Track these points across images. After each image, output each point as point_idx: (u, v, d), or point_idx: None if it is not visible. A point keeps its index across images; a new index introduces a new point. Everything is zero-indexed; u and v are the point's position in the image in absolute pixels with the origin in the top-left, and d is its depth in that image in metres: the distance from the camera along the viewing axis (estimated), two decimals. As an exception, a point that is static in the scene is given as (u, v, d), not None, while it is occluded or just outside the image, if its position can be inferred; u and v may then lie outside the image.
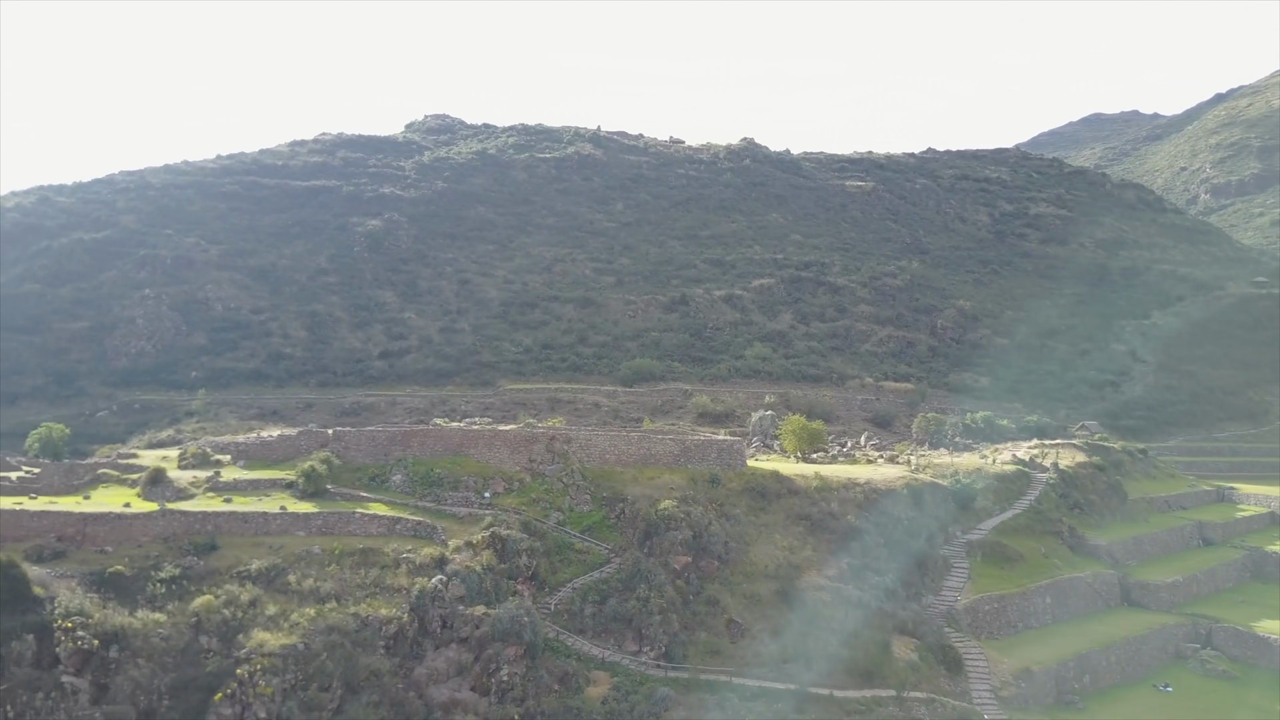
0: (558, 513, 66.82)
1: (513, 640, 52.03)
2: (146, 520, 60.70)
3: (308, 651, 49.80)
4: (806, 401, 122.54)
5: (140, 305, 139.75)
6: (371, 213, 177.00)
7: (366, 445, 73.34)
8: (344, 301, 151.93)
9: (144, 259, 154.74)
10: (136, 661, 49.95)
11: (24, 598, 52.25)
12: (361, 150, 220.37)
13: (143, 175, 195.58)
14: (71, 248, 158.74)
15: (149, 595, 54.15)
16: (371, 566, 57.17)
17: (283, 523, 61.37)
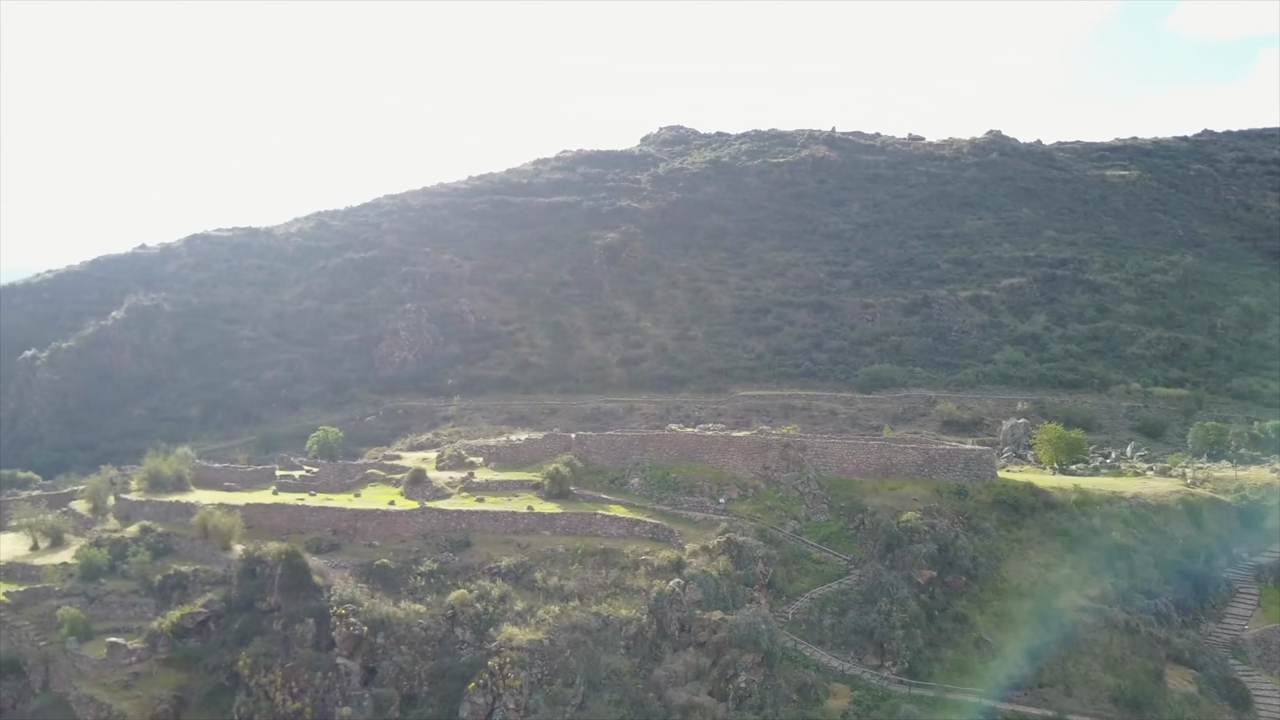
0: (794, 521, 65.71)
1: (750, 647, 51.49)
2: (408, 517, 65.28)
3: (552, 647, 51.60)
4: (1064, 409, 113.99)
5: (403, 318, 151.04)
6: (609, 225, 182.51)
7: (606, 449, 75.30)
8: (585, 311, 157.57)
9: (405, 275, 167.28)
10: (400, 648, 53.71)
11: (306, 585, 57.55)
12: (600, 165, 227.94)
13: (404, 198, 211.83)
14: (344, 267, 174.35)
15: (410, 587, 58.14)
16: (612, 567, 58.52)
17: (530, 522, 64.09)
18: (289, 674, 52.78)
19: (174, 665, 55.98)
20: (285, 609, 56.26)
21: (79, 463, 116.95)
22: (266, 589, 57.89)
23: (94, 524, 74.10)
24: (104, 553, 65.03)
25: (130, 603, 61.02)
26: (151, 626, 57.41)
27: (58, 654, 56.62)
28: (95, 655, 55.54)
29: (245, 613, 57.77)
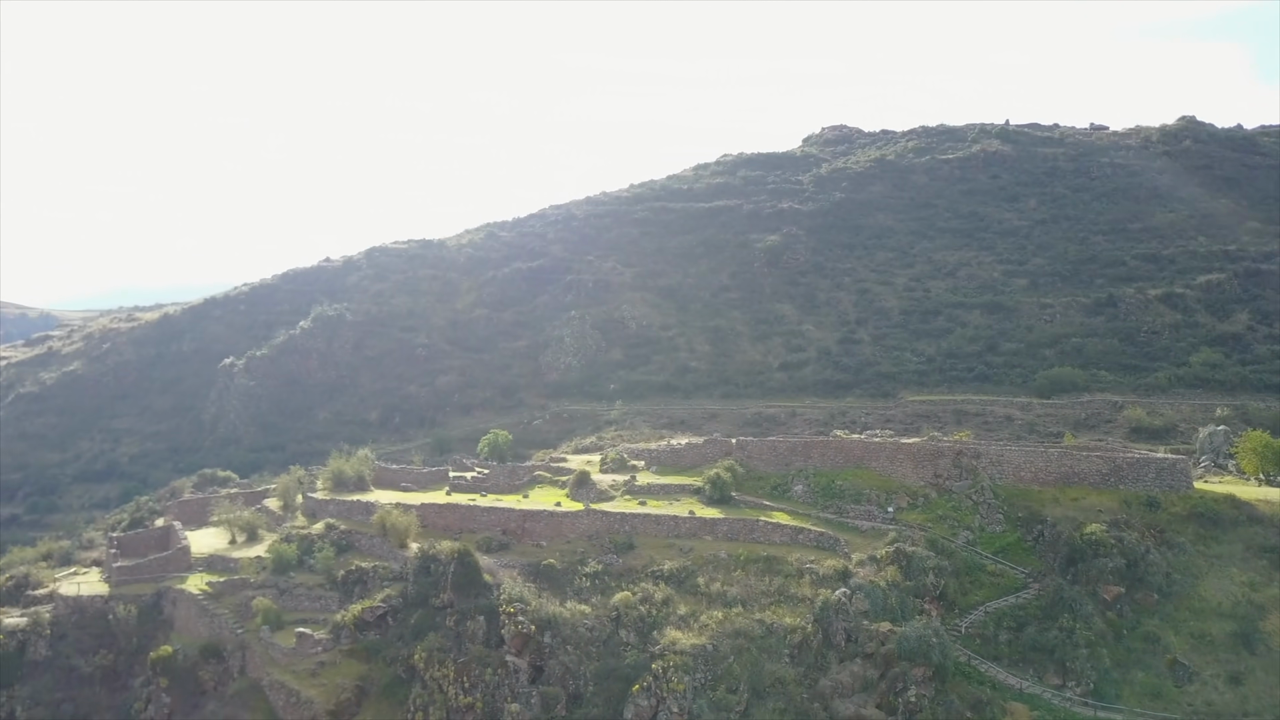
0: (967, 531, 62.92)
1: (920, 660, 49.55)
2: (574, 519, 66.37)
3: (716, 653, 51.22)
4: (1271, 415, 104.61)
5: (567, 325, 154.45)
6: (770, 228, 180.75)
7: (768, 455, 74.33)
8: (745, 316, 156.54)
9: (570, 283, 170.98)
10: (566, 648, 54.55)
11: (476, 583, 59.35)
12: (761, 168, 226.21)
13: (568, 208, 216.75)
14: (511, 276, 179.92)
15: (576, 588, 59.02)
16: (775, 574, 57.62)
17: (691, 527, 63.95)
18: (461, 669, 54.49)
19: (356, 656, 58.80)
20: (458, 606, 58.17)
21: (271, 463, 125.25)
22: (440, 586, 60.05)
23: (284, 520, 79.01)
24: (293, 548, 69.16)
25: (316, 595, 64.63)
26: (335, 619, 60.57)
27: (253, 641, 60.54)
28: (286, 644, 59.05)
29: (420, 608, 60.11)
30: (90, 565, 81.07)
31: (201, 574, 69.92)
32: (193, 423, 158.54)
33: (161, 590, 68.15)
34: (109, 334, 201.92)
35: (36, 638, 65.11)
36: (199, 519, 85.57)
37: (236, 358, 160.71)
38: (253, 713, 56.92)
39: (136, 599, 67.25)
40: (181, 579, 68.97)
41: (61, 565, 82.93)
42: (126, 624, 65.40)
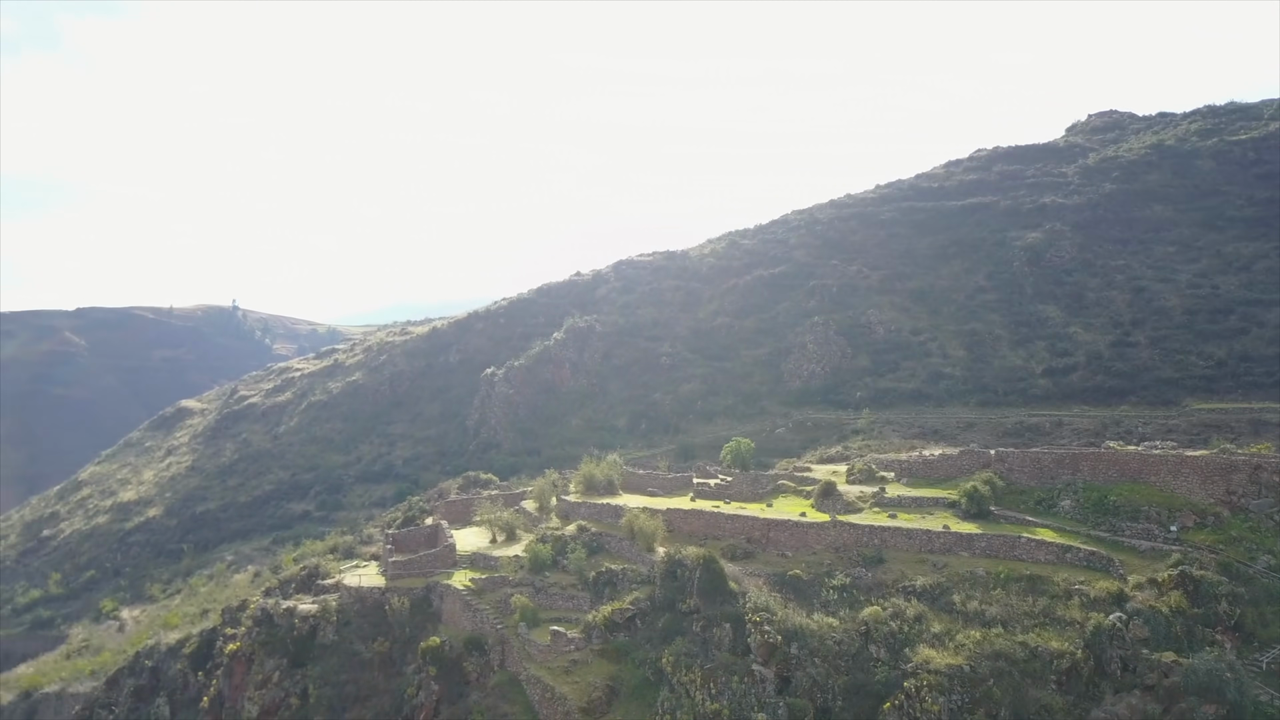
0: (1267, 555, 55.73)
1: (1212, 697, 44.29)
2: (820, 530, 64.86)
3: (974, 675, 48.23)
4: None
5: (810, 331, 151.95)
6: (1031, 225, 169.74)
7: (1031, 467, 69.42)
8: (1003, 319, 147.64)
9: (813, 289, 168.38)
10: (814, 660, 53.25)
11: (722, 590, 59.24)
12: (1019, 161, 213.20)
13: (811, 213, 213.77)
14: (753, 284, 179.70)
15: (823, 600, 57.57)
16: (1039, 595, 53.60)
17: (946, 541, 60.76)
18: (708, 675, 54.48)
19: (606, 656, 60.21)
20: (704, 612, 58.29)
21: (528, 466, 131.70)
22: (686, 591, 60.44)
23: (540, 521, 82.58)
24: (548, 548, 72.06)
25: (570, 595, 66.91)
26: (587, 618, 62.39)
27: (512, 637, 63.49)
28: (541, 640, 61.49)
29: (667, 612, 60.75)
30: (369, 559, 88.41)
31: (466, 570, 74.26)
32: (458, 428, 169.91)
33: (431, 585, 72.99)
34: (385, 347, 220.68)
35: (325, 624, 71.69)
36: (463, 518, 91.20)
37: (497, 367, 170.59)
38: (511, 705, 59.55)
39: (409, 592, 72.52)
40: (448, 575, 73.53)
41: (345, 558, 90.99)
42: (400, 615, 70.64)
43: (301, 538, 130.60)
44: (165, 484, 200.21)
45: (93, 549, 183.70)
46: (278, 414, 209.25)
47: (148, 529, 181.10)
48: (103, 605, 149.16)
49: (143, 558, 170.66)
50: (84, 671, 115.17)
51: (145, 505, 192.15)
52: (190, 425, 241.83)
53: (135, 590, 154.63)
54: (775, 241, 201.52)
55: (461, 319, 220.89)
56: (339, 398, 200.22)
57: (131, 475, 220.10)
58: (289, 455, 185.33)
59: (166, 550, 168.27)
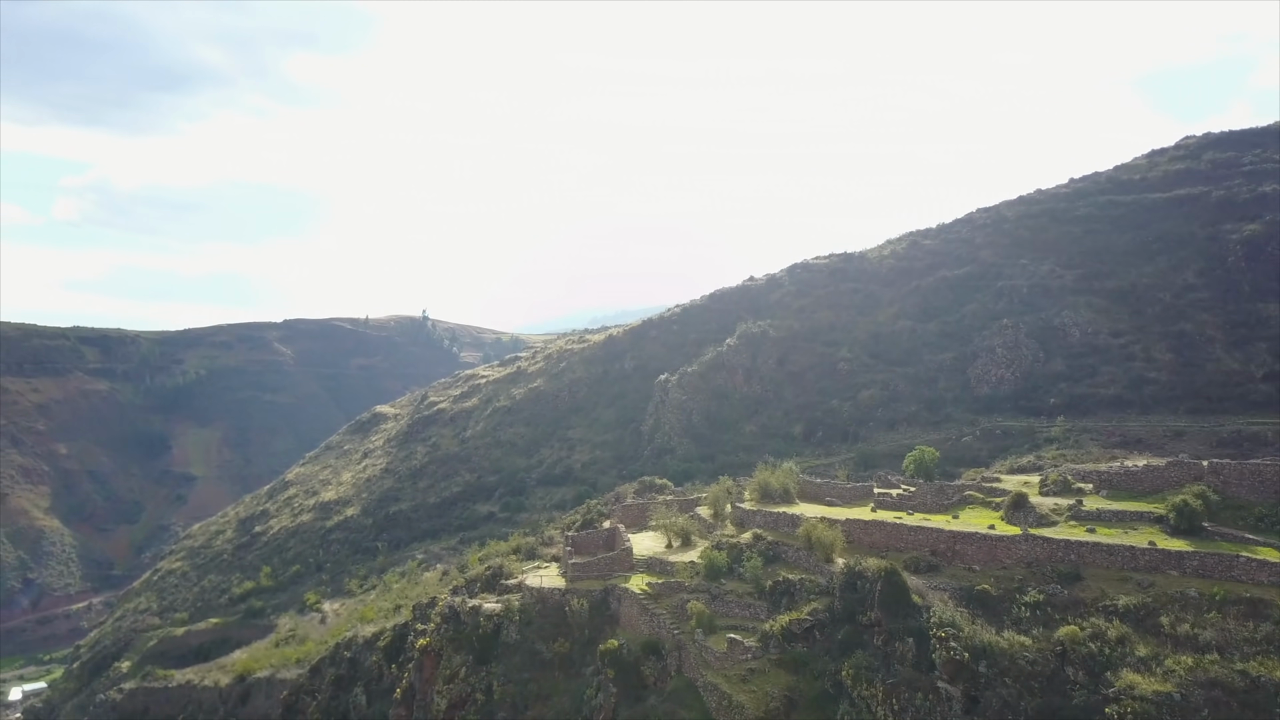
0: None
1: None
2: (1010, 543, 61.45)
3: (1185, 704, 44.39)
4: None
5: (999, 335, 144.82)
6: (1249, 215, 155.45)
7: (1251, 480, 63.40)
8: (1217, 319, 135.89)
9: (1001, 290, 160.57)
10: (1004, 680, 50.44)
11: (904, 604, 57.07)
12: (1233, 148, 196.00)
13: (998, 210, 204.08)
14: (936, 285, 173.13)
15: (1014, 617, 54.46)
16: (1262, 620, 48.78)
17: (1151, 559, 56.28)
18: (890, 691, 52.64)
19: (784, 666, 59.14)
20: (885, 625, 56.33)
21: (702, 472, 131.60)
22: (866, 603, 58.59)
23: (715, 528, 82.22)
24: (723, 555, 71.57)
25: (746, 603, 66.17)
26: (764, 627, 61.50)
27: (688, 643, 63.38)
28: (718, 648, 61.07)
29: (847, 624, 59.09)
30: (550, 560, 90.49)
31: (642, 575, 74.77)
32: (634, 434, 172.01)
33: (609, 587, 73.91)
34: (564, 354, 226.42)
35: (509, 622, 73.80)
36: (639, 523, 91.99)
37: (670, 373, 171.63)
38: (689, 711, 59.40)
39: (588, 594, 73.69)
40: (625, 578, 74.26)
41: (528, 559, 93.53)
42: (579, 616, 71.88)
43: (486, 538, 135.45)
44: (362, 485, 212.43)
45: (298, 545, 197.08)
46: (465, 419, 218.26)
47: (346, 527, 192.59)
48: (306, 598, 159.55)
49: (342, 554, 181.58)
50: (290, 659, 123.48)
51: (344, 505, 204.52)
52: (384, 429, 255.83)
53: (335, 585, 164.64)
54: (959, 241, 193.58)
55: (636, 326, 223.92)
56: (521, 403, 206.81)
57: (332, 476, 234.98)
58: (475, 458, 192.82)
59: (363, 547, 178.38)
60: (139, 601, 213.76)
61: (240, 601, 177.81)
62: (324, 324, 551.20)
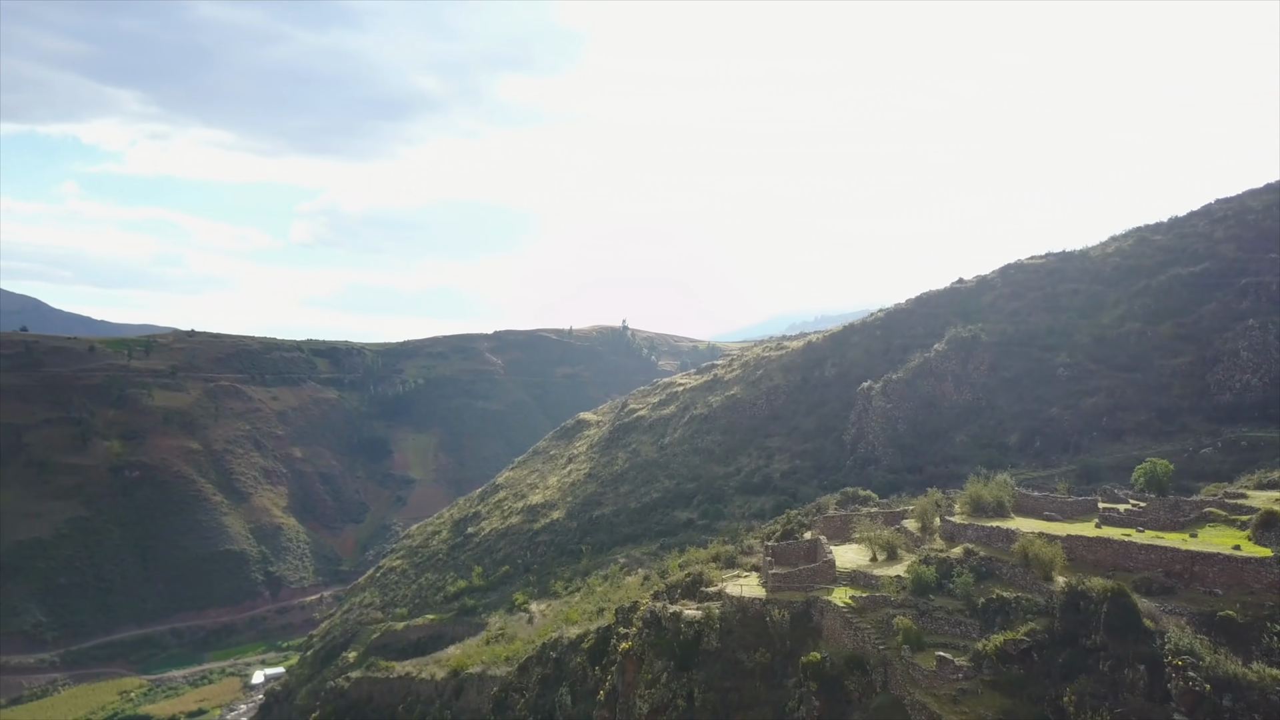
0: None
1: None
2: (1259, 566, 55.49)
3: None
4: None
5: (1244, 337, 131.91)
6: None
7: None
8: None
9: (1245, 288, 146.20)
10: (1252, 716, 45.57)
11: (1134, 628, 52.55)
12: None
13: (1241, 200, 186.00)
14: (1169, 284, 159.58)
15: (1264, 648, 49.16)
16: None
17: None
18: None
19: (998, 688, 55.85)
20: (1112, 650, 52.17)
21: (908, 484, 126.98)
22: (1090, 626, 54.46)
23: (922, 542, 78.95)
24: (931, 570, 68.53)
25: (956, 621, 63.03)
26: (976, 647, 58.33)
27: (894, 659, 61.00)
28: (926, 666, 58.42)
29: (1068, 647, 55.14)
30: (750, 569, 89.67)
31: (845, 587, 72.78)
32: (835, 443, 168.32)
33: (810, 599, 72.36)
34: (761, 362, 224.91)
35: (709, 630, 73.62)
36: (841, 534, 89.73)
37: (873, 381, 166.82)
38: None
39: (789, 605, 72.41)
40: (827, 590, 72.48)
41: (727, 567, 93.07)
42: (780, 627, 70.71)
43: (685, 544, 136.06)
44: (567, 489, 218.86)
45: (507, 546, 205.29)
46: (663, 426, 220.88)
47: (552, 530, 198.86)
48: (515, 598, 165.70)
49: (548, 556, 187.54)
50: (500, 657, 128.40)
51: (550, 508, 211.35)
52: (588, 436, 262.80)
53: (542, 586, 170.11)
54: (1195, 235, 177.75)
55: (836, 332, 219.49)
56: (718, 411, 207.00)
57: (539, 480, 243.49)
58: (674, 465, 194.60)
59: (568, 550, 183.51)
60: (364, 596, 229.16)
61: (454, 599, 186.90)
62: (531, 335, 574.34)
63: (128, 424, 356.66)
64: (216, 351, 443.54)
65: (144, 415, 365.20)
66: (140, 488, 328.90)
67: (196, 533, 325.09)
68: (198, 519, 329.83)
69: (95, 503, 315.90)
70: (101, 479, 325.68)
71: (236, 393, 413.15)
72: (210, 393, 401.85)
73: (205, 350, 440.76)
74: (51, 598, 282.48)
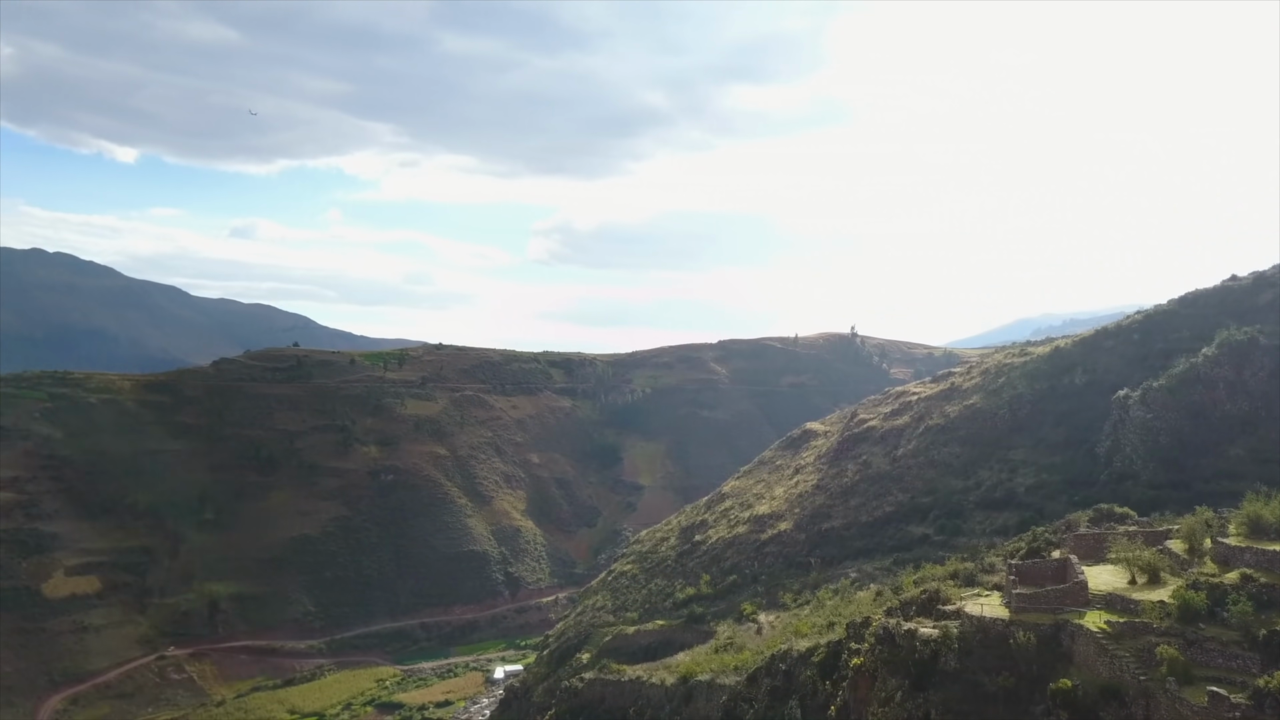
0: None
1: None
2: None
3: None
4: None
5: None
6: None
7: None
8: None
9: None
10: None
11: None
12: None
13: None
14: None
15: None
16: None
17: None
18: None
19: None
20: None
21: (1173, 501, 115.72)
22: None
23: (1189, 565, 71.67)
24: (1202, 596, 61.98)
25: (1231, 654, 56.65)
26: (1257, 684, 52.09)
27: (1157, 691, 55.53)
28: (1196, 701, 52.76)
29: (1377, 693, 48.09)
30: (991, 589, 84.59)
31: (1099, 611, 67.14)
32: (1085, 456, 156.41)
33: (1059, 622, 67.32)
34: (1003, 369, 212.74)
35: (946, 650, 69.96)
36: (1094, 554, 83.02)
37: (1131, 389, 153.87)
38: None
39: (1035, 627, 67.61)
40: (1078, 614, 67.15)
41: (966, 585, 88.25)
42: (1026, 650, 66.13)
43: (920, 560, 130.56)
44: (794, 500, 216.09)
45: (734, 555, 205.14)
46: (895, 437, 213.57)
47: (779, 541, 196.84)
48: (743, 608, 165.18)
49: (776, 567, 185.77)
50: (729, 666, 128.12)
51: (777, 519, 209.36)
52: (815, 446, 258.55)
53: (770, 597, 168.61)
54: None
55: (1087, 336, 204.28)
56: (956, 421, 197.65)
57: (765, 490, 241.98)
58: (907, 478, 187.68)
59: (796, 562, 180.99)
60: (596, 599, 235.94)
61: (682, 606, 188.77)
62: (756, 344, 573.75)
63: (383, 431, 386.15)
64: (462, 363, 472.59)
65: (398, 423, 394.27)
66: (394, 490, 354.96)
67: (444, 533, 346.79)
68: (445, 520, 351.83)
69: (355, 503, 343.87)
70: (361, 482, 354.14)
71: (479, 402, 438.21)
72: (456, 402, 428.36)
73: (452, 362, 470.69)
74: (319, 589, 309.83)
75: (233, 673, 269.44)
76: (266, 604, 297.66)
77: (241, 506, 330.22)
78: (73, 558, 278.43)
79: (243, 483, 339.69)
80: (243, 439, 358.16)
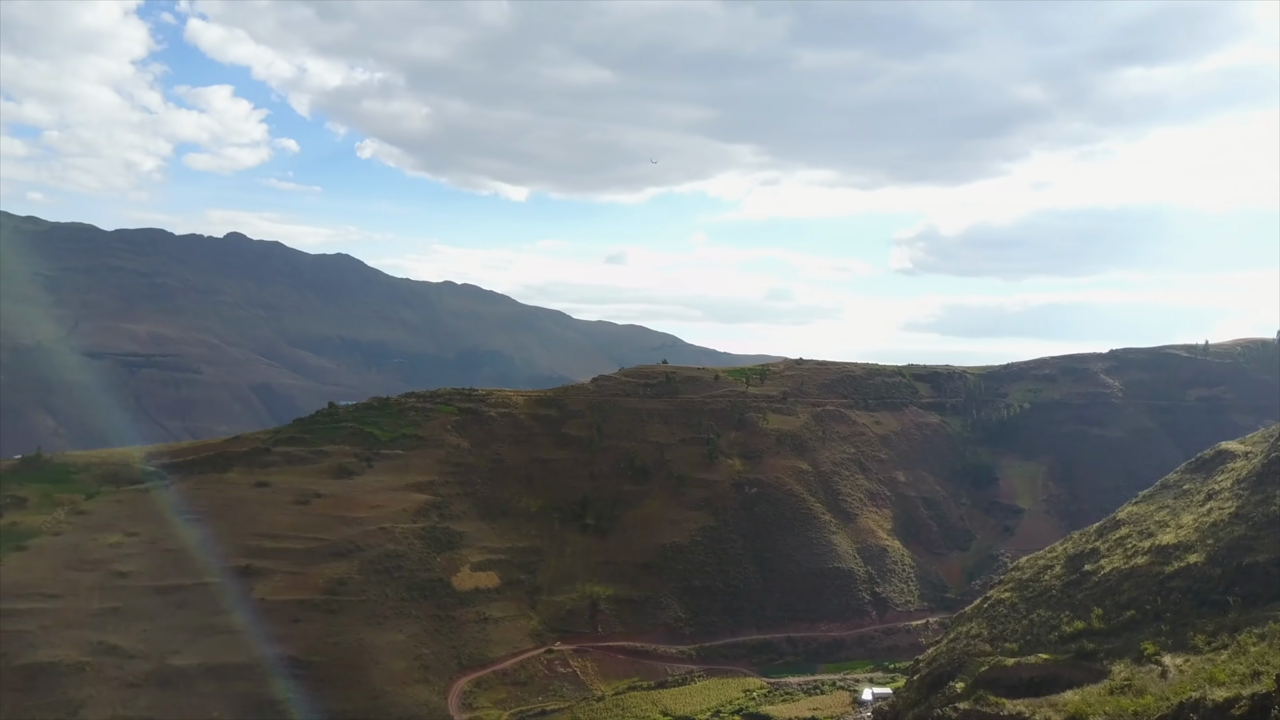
0: None
1: None
2: None
3: None
4: None
5: None
6: None
7: None
8: None
9: None
10: None
11: None
12: None
13: None
14: None
15: None
16: None
17: None
18: None
19: None
20: None
21: None
22: None
23: None
24: None
25: None
26: None
27: None
28: None
29: None
30: None
31: None
32: None
33: None
34: None
35: None
36: None
37: None
38: None
39: None
40: None
41: None
42: None
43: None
44: (1205, 530, 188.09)
45: (1132, 589, 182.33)
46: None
47: (1187, 575, 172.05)
48: (1144, 647, 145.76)
49: (1183, 604, 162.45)
50: (1126, 710, 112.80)
51: (1184, 550, 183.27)
52: (1232, 469, 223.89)
53: (1177, 637, 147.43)
54: None
55: None
56: None
57: (1169, 518, 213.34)
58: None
59: (1208, 600, 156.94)
60: (970, 626, 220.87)
61: (1070, 641, 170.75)
62: (1155, 352, 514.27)
63: (746, 444, 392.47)
64: (822, 378, 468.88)
65: (759, 437, 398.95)
66: (757, 503, 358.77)
67: (808, 549, 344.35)
68: (808, 535, 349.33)
69: (721, 514, 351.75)
70: (725, 493, 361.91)
71: (841, 417, 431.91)
72: (817, 416, 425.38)
73: (812, 377, 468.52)
74: (688, 597, 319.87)
75: (610, 670, 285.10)
76: (640, 607, 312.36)
77: (618, 513, 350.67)
78: (477, 554, 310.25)
79: (619, 491, 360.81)
80: (618, 450, 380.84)
